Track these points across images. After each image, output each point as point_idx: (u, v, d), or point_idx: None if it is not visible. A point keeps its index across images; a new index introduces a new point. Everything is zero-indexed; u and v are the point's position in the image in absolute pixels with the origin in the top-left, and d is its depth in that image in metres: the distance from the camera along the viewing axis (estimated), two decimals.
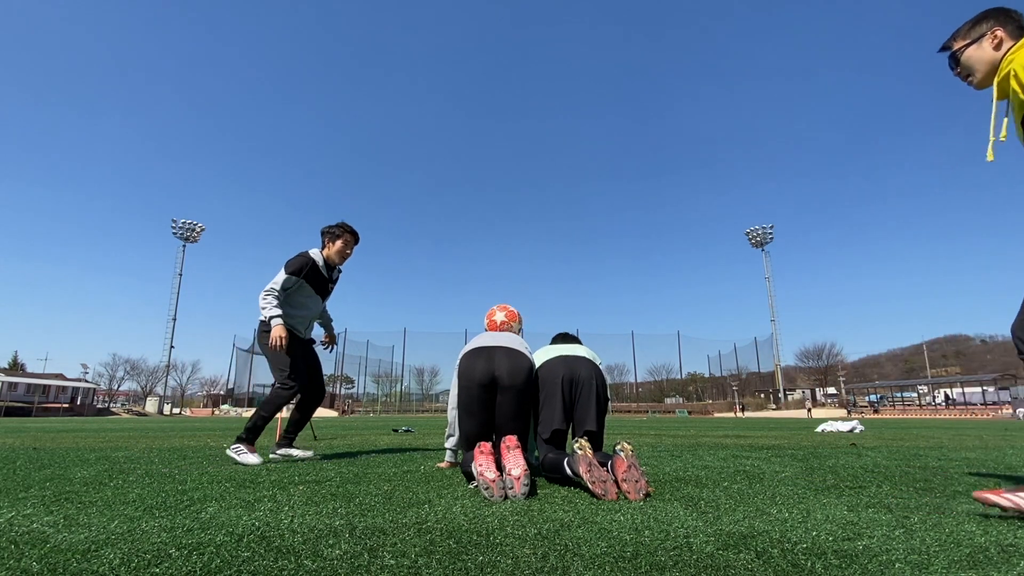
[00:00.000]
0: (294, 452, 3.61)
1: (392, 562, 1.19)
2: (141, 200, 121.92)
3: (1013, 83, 1.80)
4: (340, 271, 3.89)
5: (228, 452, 3.24)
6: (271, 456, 3.55)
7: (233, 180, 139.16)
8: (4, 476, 2.63)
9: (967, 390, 54.60)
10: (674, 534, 1.44)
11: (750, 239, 66.90)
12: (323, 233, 3.73)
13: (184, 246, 62.24)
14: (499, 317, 3.16)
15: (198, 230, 62.83)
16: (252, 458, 3.17)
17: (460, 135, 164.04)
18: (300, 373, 3.46)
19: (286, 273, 3.48)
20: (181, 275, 61.62)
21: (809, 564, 1.18)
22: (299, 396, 3.65)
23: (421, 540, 1.37)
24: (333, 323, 4.05)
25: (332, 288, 3.84)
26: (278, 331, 3.34)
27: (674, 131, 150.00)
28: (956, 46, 2.00)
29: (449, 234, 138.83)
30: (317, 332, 3.92)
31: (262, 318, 3.42)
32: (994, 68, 1.91)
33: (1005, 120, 1.88)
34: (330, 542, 1.34)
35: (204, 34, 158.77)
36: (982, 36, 1.93)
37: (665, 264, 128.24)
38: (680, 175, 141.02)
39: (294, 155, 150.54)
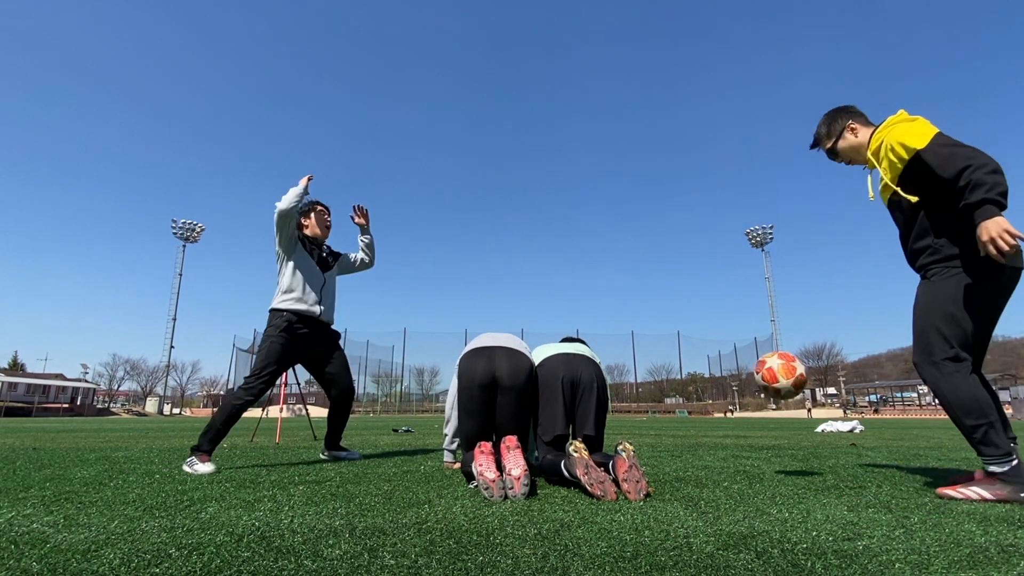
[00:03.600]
0: (344, 453, 3.59)
1: (392, 562, 1.19)
2: (141, 200, 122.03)
3: (889, 154, 2.20)
4: (339, 254, 3.64)
5: (184, 467, 2.85)
6: (321, 456, 3.57)
7: (233, 180, 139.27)
8: (4, 476, 2.63)
9: None
10: (674, 534, 1.44)
11: (750, 239, 66.89)
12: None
13: (184, 246, 62.26)
14: None
15: (198, 230, 62.83)
16: (204, 467, 2.78)
17: (460, 134, 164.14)
18: (268, 374, 3.10)
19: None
20: (181, 275, 61.67)
21: (809, 564, 1.18)
22: (329, 401, 3.54)
23: (421, 540, 1.37)
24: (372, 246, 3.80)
25: (333, 264, 3.57)
26: (306, 178, 3.26)
27: (674, 130, 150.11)
28: (829, 144, 2.47)
29: (449, 234, 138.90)
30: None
31: (274, 308, 3.24)
32: (864, 148, 2.37)
33: (870, 179, 2.40)
34: (330, 542, 1.34)
35: (205, 32, 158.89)
36: (843, 131, 2.41)
37: (665, 264, 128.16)
38: (680, 175, 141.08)
39: (294, 154, 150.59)
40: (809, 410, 49.92)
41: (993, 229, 1.87)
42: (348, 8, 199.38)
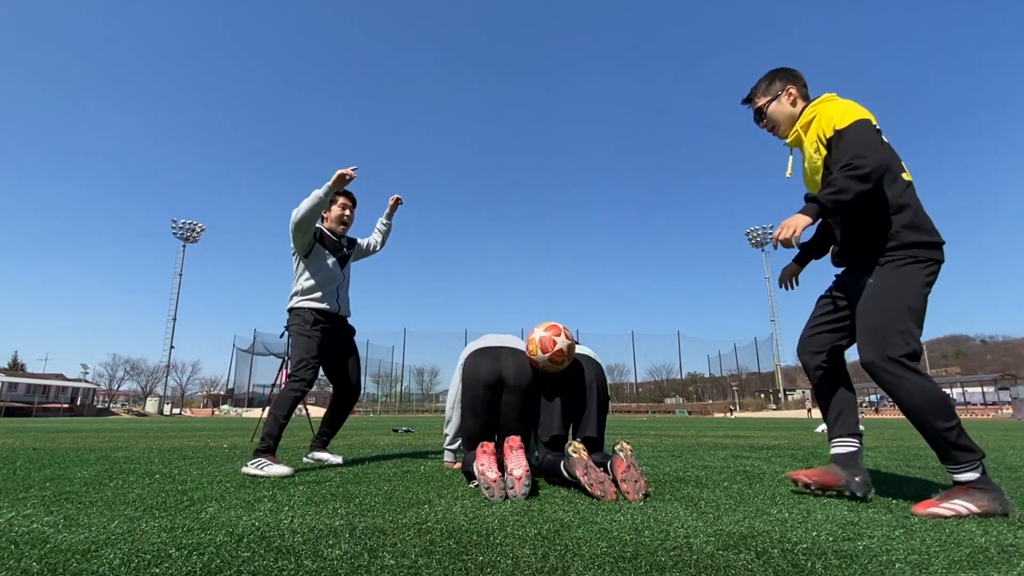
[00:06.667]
0: (327, 456, 3.32)
1: (392, 562, 1.19)
2: (141, 200, 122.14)
3: (819, 130, 2.04)
4: (355, 242, 3.52)
5: (248, 469, 2.68)
6: (304, 460, 3.33)
7: (233, 180, 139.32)
8: (4, 476, 2.62)
9: (967, 390, 54.55)
10: (674, 534, 1.44)
11: (750, 239, 66.85)
12: None
13: (184, 246, 62.19)
14: (561, 343, 2.53)
15: (198, 230, 62.79)
16: (279, 469, 2.65)
17: (459, 133, 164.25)
18: (313, 365, 3.04)
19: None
20: (181, 275, 61.61)
21: (809, 564, 1.18)
22: (332, 392, 3.42)
23: (421, 540, 1.37)
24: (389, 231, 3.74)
25: (350, 255, 3.45)
26: (338, 174, 2.95)
27: (674, 130, 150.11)
28: (760, 102, 2.25)
29: (449, 234, 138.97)
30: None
31: (294, 299, 3.15)
32: (792, 121, 2.18)
33: (791, 160, 2.24)
34: (330, 542, 1.34)
35: (205, 31, 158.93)
36: (780, 93, 2.21)
37: (665, 264, 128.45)
38: (680, 174, 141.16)
39: (294, 154, 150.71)
40: (809, 410, 49.83)
41: (791, 221, 1.90)
42: (350, 7, 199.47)
